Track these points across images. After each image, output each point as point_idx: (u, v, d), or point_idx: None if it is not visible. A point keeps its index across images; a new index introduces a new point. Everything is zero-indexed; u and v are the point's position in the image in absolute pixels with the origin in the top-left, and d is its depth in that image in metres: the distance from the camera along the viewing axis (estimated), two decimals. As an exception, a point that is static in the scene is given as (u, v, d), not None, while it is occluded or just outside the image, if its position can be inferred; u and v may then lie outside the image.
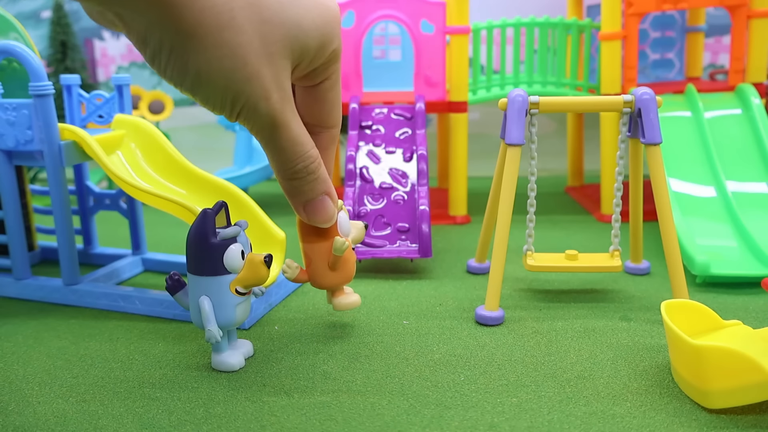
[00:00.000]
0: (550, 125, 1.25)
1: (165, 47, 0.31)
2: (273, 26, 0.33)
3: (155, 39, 0.31)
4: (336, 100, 0.42)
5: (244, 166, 1.09)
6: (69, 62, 1.24)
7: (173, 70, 0.32)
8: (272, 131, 0.37)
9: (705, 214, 0.71)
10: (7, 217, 0.64)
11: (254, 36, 0.32)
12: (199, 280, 0.46)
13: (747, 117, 0.79)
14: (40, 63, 0.60)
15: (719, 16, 1.16)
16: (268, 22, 0.33)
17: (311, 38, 0.36)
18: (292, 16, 0.34)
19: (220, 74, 0.32)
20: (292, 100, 0.38)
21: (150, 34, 0.31)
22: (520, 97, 0.56)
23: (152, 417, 0.42)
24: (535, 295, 0.62)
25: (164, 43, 0.31)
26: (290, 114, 0.37)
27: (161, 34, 0.31)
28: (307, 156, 0.40)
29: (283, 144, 0.38)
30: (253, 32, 0.32)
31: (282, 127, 0.37)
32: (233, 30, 0.31)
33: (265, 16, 0.33)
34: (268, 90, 0.35)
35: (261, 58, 0.33)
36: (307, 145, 0.39)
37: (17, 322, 0.59)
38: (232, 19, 0.31)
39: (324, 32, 0.36)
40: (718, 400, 0.40)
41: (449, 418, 0.41)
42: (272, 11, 0.33)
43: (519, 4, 1.13)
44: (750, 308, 0.58)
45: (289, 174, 0.40)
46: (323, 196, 0.43)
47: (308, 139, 0.39)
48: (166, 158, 0.65)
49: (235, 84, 0.33)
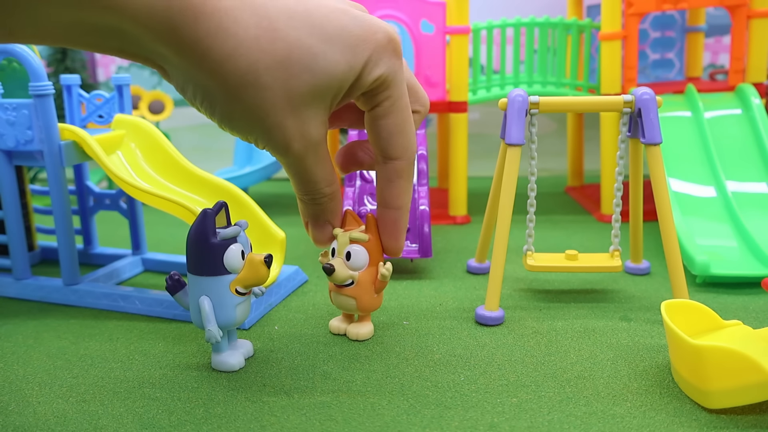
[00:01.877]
0: (550, 125, 1.25)
1: (198, 96, 0.35)
2: (300, 81, 0.35)
3: (191, 90, 0.35)
4: (393, 129, 0.40)
5: (244, 166, 1.09)
6: (69, 62, 1.24)
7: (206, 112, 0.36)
8: (291, 169, 0.40)
9: (705, 214, 0.71)
10: (7, 217, 0.64)
11: (279, 92, 0.35)
12: (199, 280, 0.46)
13: (747, 117, 0.79)
14: (40, 63, 0.60)
15: (719, 16, 1.16)
16: (295, 78, 0.35)
17: (344, 80, 0.36)
18: (323, 66, 0.35)
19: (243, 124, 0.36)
20: (320, 144, 0.39)
21: (186, 85, 0.35)
22: (520, 97, 0.56)
23: (152, 417, 0.42)
24: (535, 295, 0.62)
25: (197, 93, 0.35)
26: (311, 158, 0.39)
27: (194, 87, 0.35)
28: (319, 192, 0.42)
29: (299, 179, 0.41)
30: (279, 89, 0.35)
31: (300, 168, 0.40)
32: (256, 89, 0.34)
33: (293, 72, 0.34)
34: (289, 140, 0.37)
35: (285, 111, 0.36)
36: (321, 183, 0.41)
37: (17, 322, 0.59)
38: (256, 80, 0.34)
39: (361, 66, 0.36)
40: (718, 400, 0.40)
41: (449, 418, 0.41)
42: (302, 66, 0.35)
43: (519, 4, 1.13)
44: (750, 308, 0.58)
45: (300, 197, 0.43)
46: (325, 222, 0.45)
47: (325, 179, 0.41)
48: (166, 158, 0.65)
49: (256, 132, 0.37)
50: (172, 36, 0.31)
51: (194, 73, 0.33)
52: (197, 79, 0.34)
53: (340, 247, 0.49)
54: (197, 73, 0.33)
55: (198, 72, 0.33)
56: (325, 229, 0.46)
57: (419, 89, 0.44)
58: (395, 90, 0.39)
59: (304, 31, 0.34)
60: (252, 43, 0.33)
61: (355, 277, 0.49)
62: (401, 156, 0.42)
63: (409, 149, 0.42)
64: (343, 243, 0.49)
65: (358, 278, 0.49)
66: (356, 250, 0.48)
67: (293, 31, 0.34)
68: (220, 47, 0.32)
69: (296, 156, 0.38)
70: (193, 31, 0.31)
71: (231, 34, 0.32)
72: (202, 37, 0.32)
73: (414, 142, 0.42)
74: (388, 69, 0.38)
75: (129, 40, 0.31)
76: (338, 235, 0.48)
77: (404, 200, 0.44)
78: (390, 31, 0.37)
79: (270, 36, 0.33)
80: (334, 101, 0.38)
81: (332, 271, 0.48)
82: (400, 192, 0.43)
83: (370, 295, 0.50)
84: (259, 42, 0.33)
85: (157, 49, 0.32)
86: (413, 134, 0.42)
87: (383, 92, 0.39)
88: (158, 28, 0.31)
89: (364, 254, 0.48)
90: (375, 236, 0.48)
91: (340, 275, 0.49)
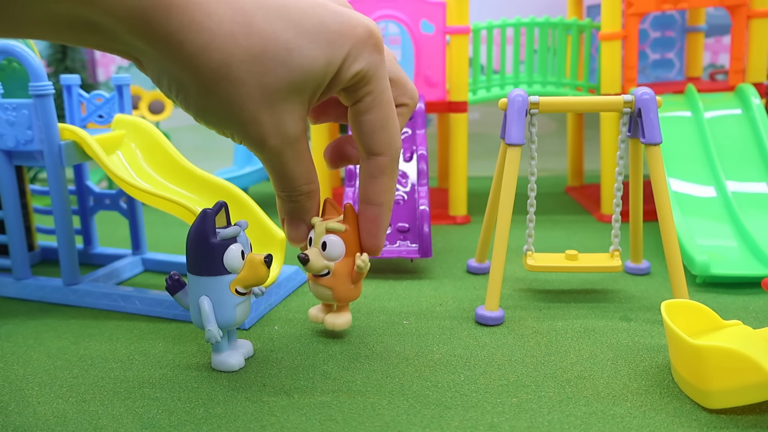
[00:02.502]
0: (550, 125, 1.25)
1: (173, 89, 0.35)
2: (276, 76, 0.35)
3: (165, 82, 0.35)
4: (376, 125, 0.40)
5: (244, 166, 1.09)
6: (69, 62, 1.24)
7: (182, 106, 0.36)
8: (268, 164, 0.40)
9: (705, 214, 0.71)
10: (7, 217, 0.64)
11: (254, 87, 0.34)
12: (199, 280, 0.46)
13: (747, 117, 0.79)
14: (40, 63, 0.60)
15: (719, 16, 1.16)
16: (271, 73, 0.34)
17: (321, 75, 0.36)
18: (299, 62, 0.35)
19: (217, 117, 0.36)
20: (298, 139, 0.38)
21: (161, 77, 0.35)
22: (520, 97, 0.56)
23: (152, 417, 0.42)
24: (535, 295, 0.62)
25: (172, 86, 0.35)
26: (288, 154, 0.39)
27: (169, 80, 0.35)
28: (296, 189, 0.42)
29: (276, 175, 0.41)
30: (254, 83, 0.34)
31: (277, 164, 0.39)
32: (229, 82, 0.34)
33: (268, 67, 0.34)
34: (265, 135, 0.37)
35: (260, 105, 0.35)
36: (298, 181, 0.41)
37: (17, 322, 0.59)
38: (228, 74, 0.34)
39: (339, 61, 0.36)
40: (718, 400, 0.40)
41: (449, 418, 0.41)
42: (277, 61, 0.34)
43: (519, 4, 1.13)
44: (750, 308, 0.58)
45: (278, 192, 0.43)
46: (299, 221, 0.45)
47: (303, 177, 0.41)
48: (166, 158, 0.65)
49: (231, 126, 0.36)
50: (145, 29, 0.31)
51: (168, 66, 0.33)
52: (171, 72, 0.34)
53: (316, 236, 0.48)
54: (171, 67, 0.33)
55: (172, 65, 0.33)
56: (299, 228, 0.45)
57: (407, 82, 0.43)
58: (377, 85, 0.38)
59: (281, 26, 0.34)
60: (226, 38, 0.33)
61: (330, 267, 0.48)
62: (384, 152, 0.41)
63: (393, 145, 0.41)
64: (320, 233, 0.47)
65: (334, 269, 0.48)
66: (332, 240, 0.47)
67: (269, 26, 0.34)
68: (193, 41, 0.32)
69: (272, 152, 0.38)
70: (167, 24, 0.31)
71: (204, 28, 0.32)
72: (175, 31, 0.32)
73: (398, 138, 0.41)
74: (369, 64, 0.37)
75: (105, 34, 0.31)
76: (315, 225, 0.47)
77: (386, 197, 0.43)
78: (370, 26, 0.37)
79: (245, 31, 0.33)
80: (313, 97, 0.37)
81: (307, 260, 0.47)
82: (383, 189, 0.42)
83: (347, 286, 0.49)
84: (234, 36, 0.33)
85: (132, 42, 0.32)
86: (397, 130, 0.41)
87: (364, 87, 0.38)
88: (132, 21, 0.31)
89: (340, 244, 0.47)
90: (353, 227, 0.47)
91: (315, 265, 0.48)
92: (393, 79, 0.42)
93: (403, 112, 0.43)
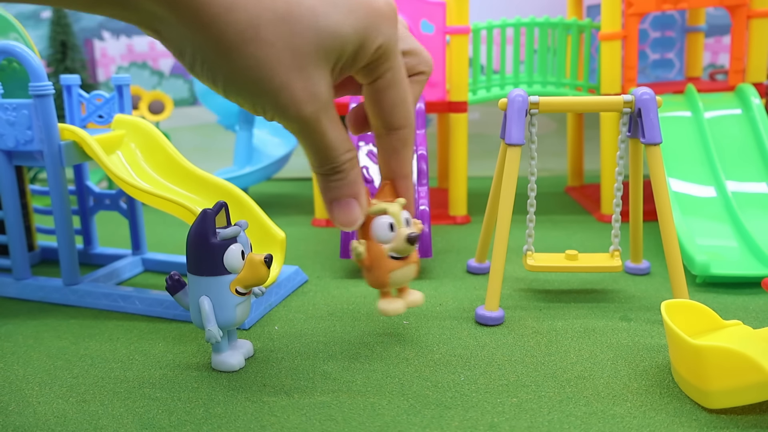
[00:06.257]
0: (550, 125, 1.25)
1: (197, 59, 0.33)
2: (304, 38, 0.33)
3: (189, 52, 0.33)
4: (396, 100, 0.40)
5: (244, 166, 1.09)
6: (69, 62, 1.24)
7: (206, 79, 0.34)
8: (304, 136, 0.38)
9: (705, 214, 0.71)
10: (7, 217, 0.64)
11: (283, 49, 0.33)
12: (199, 280, 0.46)
13: (747, 117, 0.79)
14: (40, 63, 0.60)
15: (719, 16, 1.16)
16: (299, 35, 0.33)
17: (348, 43, 0.35)
18: (325, 25, 0.34)
19: (247, 85, 0.34)
20: (330, 105, 0.37)
21: (184, 47, 0.33)
22: (520, 97, 0.56)
23: (152, 417, 0.42)
24: (535, 295, 0.62)
25: (196, 56, 0.33)
26: (324, 121, 0.37)
27: (193, 48, 0.33)
28: (338, 159, 0.39)
29: (314, 147, 0.38)
30: (283, 46, 0.33)
31: (314, 133, 0.37)
32: (257, 44, 0.32)
33: (296, 29, 0.33)
34: (299, 100, 0.35)
35: (291, 70, 0.34)
36: (339, 149, 0.39)
37: (17, 322, 0.59)
38: (256, 35, 0.32)
39: (364, 33, 0.35)
40: (718, 400, 0.40)
41: (449, 418, 0.41)
42: (304, 24, 0.33)
43: (519, 4, 1.13)
44: (750, 308, 0.58)
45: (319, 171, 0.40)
46: (349, 199, 0.42)
47: (342, 144, 0.39)
48: (166, 158, 0.65)
49: (263, 94, 0.34)
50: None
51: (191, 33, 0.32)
52: (195, 39, 0.32)
53: (397, 216, 0.46)
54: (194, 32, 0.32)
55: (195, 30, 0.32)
56: (352, 207, 0.42)
57: (422, 50, 0.43)
58: (395, 60, 0.38)
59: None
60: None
61: None
62: (406, 125, 0.41)
63: (411, 116, 0.41)
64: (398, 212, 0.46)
65: None
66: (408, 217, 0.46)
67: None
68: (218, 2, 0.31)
69: (309, 119, 0.36)
70: None
71: None
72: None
73: (414, 109, 0.42)
74: (389, 39, 0.37)
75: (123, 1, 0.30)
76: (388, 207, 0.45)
77: (411, 167, 0.44)
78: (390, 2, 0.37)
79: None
80: (337, 66, 0.36)
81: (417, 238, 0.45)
82: (408, 160, 0.43)
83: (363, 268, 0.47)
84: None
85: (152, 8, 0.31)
86: (413, 101, 0.41)
87: (384, 63, 0.38)
88: None
89: None
90: None
91: None
92: (410, 49, 0.42)
93: (420, 80, 0.43)
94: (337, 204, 0.42)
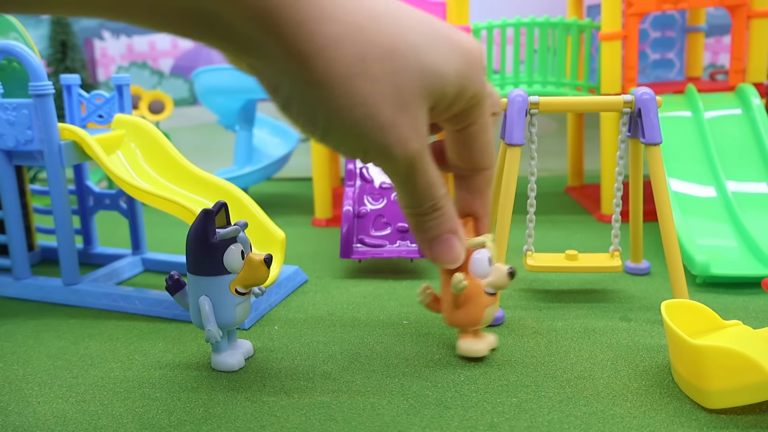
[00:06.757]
0: (550, 125, 1.25)
1: (295, 97, 0.31)
2: (409, 76, 0.32)
3: (285, 89, 0.31)
4: (486, 144, 0.40)
5: (244, 166, 1.09)
6: (69, 62, 1.24)
7: (304, 119, 0.32)
8: (408, 175, 0.36)
9: (705, 214, 0.71)
10: (7, 217, 0.64)
11: (388, 86, 0.32)
12: (199, 280, 0.46)
13: (747, 117, 0.79)
14: (40, 63, 0.60)
15: (719, 16, 1.16)
16: (403, 72, 0.32)
17: (449, 85, 0.34)
18: (429, 63, 0.33)
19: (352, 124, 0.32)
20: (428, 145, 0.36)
21: (281, 83, 0.31)
22: (520, 97, 0.56)
23: (152, 417, 0.42)
24: (535, 295, 0.62)
25: (294, 93, 0.31)
26: (427, 158, 0.36)
27: (291, 85, 0.31)
28: (437, 196, 0.39)
29: (417, 187, 0.37)
30: (388, 82, 0.32)
31: (418, 171, 0.36)
32: (365, 80, 0.31)
33: (401, 65, 0.32)
34: (406, 138, 0.34)
35: (396, 106, 0.32)
36: (438, 186, 0.38)
37: (17, 322, 0.59)
38: (365, 70, 0.31)
39: (463, 78, 0.35)
40: (718, 400, 0.40)
41: (449, 418, 0.41)
42: (408, 61, 0.32)
43: (519, 4, 1.13)
44: (750, 308, 0.58)
45: (417, 211, 0.39)
46: (449, 235, 0.41)
47: (440, 180, 0.38)
48: (166, 158, 0.65)
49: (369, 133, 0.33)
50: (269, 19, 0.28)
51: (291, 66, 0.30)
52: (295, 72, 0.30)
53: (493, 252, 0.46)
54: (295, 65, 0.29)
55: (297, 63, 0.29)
56: (454, 244, 0.41)
57: (494, 90, 0.42)
58: (485, 107, 0.38)
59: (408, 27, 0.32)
60: (356, 32, 0.30)
61: None
62: (489, 165, 0.41)
63: (494, 156, 0.42)
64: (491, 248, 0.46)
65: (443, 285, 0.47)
66: None
67: (397, 26, 0.32)
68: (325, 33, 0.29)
69: (415, 157, 0.35)
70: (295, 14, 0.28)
71: (335, 20, 0.29)
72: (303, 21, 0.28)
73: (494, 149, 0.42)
74: (482, 85, 0.36)
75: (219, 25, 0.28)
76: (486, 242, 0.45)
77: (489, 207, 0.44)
78: (480, 46, 0.36)
79: (374, 27, 0.30)
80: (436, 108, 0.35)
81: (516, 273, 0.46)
82: (490, 199, 0.44)
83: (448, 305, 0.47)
84: (365, 31, 0.30)
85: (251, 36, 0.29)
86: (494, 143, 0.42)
87: (477, 110, 0.37)
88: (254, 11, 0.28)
89: None
90: None
91: None
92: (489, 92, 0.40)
93: (494, 121, 0.42)
94: (437, 242, 0.41)
